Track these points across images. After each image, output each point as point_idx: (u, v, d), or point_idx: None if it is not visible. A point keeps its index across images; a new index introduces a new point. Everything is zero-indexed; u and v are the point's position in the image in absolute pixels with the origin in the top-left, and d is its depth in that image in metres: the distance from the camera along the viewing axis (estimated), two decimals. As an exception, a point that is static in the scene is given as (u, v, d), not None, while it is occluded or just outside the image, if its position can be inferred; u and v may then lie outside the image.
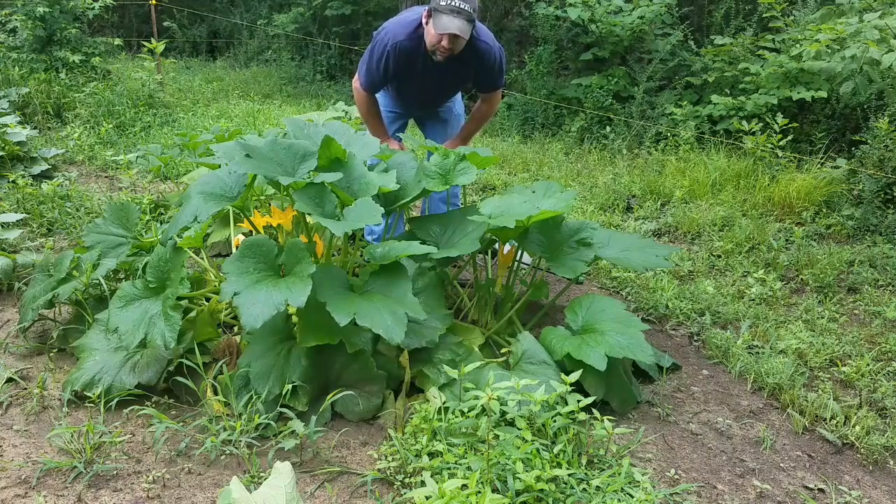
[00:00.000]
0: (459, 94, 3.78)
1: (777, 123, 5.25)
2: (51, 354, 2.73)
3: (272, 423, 2.24)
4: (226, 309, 2.84)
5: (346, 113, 5.94)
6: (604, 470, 2.15)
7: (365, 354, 2.39)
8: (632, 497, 1.99)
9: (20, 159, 5.01)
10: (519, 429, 2.10)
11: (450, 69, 3.21)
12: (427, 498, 1.84)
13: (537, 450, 2.06)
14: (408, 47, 3.18)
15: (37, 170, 4.96)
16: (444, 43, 3.04)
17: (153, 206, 4.30)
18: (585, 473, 2.10)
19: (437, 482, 1.90)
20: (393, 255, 2.40)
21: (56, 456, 2.15)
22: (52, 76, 7.08)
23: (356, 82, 3.42)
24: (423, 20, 3.13)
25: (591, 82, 7.06)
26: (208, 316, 2.64)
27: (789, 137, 5.38)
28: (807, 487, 2.25)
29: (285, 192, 2.68)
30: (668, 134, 6.16)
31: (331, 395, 2.30)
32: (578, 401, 2.14)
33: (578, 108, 7.02)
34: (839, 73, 5.32)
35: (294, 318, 2.41)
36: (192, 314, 2.64)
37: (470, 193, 5.31)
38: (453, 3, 2.97)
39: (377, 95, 3.55)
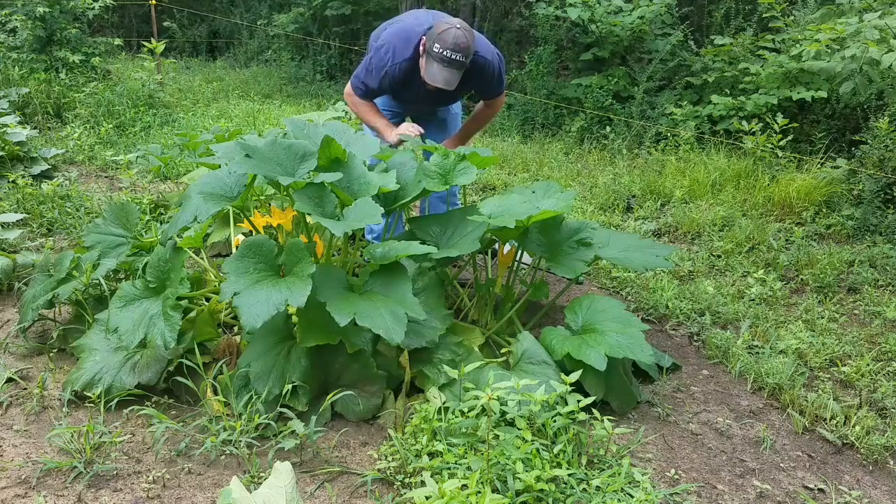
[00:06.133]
0: None
1: (777, 123, 5.25)
2: (51, 354, 2.73)
3: (272, 423, 2.24)
4: (226, 309, 2.84)
5: (346, 113, 5.93)
6: (604, 470, 2.15)
7: (365, 354, 2.39)
8: (632, 497, 1.99)
9: (20, 159, 5.01)
10: (519, 429, 2.10)
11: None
12: (427, 498, 1.84)
13: (537, 450, 2.06)
14: (409, 67, 3.13)
15: (37, 170, 4.96)
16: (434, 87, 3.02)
17: (153, 206, 4.30)
18: (585, 473, 2.10)
19: (437, 482, 1.90)
20: (393, 255, 2.39)
21: (56, 456, 2.15)
22: (52, 76, 7.08)
23: (349, 91, 3.33)
24: (421, 49, 3.07)
25: (591, 82, 7.06)
26: (208, 316, 2.64)
27: (789, 137, 5.38)
28: (807, 487, 2.25)
29: (285, 192, 2.68)
30: (668, 134, 6.16)
31: (331, 395, 2.30)
32: (578, 401, 2.14)
33: (578, 108, 7.02)
34: (839, 73, 5.32)
35: (294, 318, 2.41)
36: (192, 314, 2.64)
37: (470, 193, 5.32)
38: (445, 53, 2.91)
39: None
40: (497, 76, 3.29)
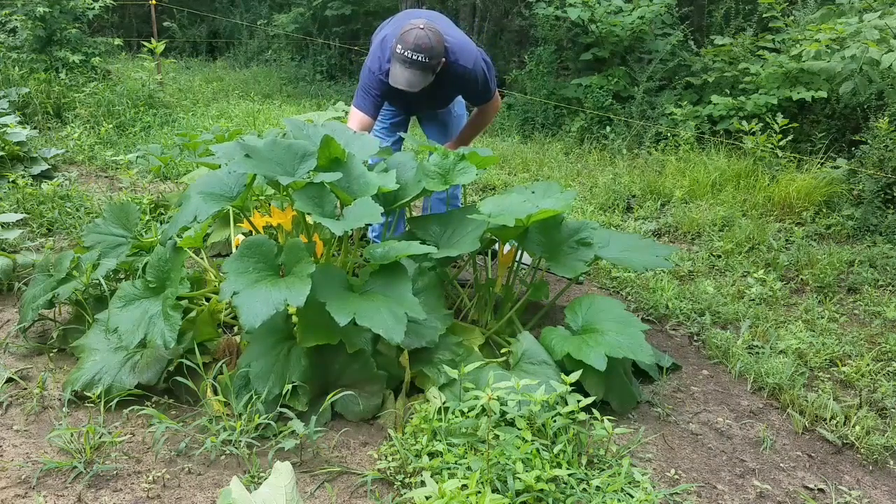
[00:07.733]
0: (459, 96, 3.75)
1: (777, 123, 5.25)
2: (51, 354, 2.73)
3: (272, 423, 2.24)
4: (226, 309, 2.84)
5: (346, 113, 5.93)
6: (604, 470, 2.15)
7: (365, 354, 2.39)
8: (632, 497, 1.99)
9: (20, 159, 5.01)
10: (519, 429, 2.10)
11: (434, 88, 3.10)
12: (427, 498, 1.84)
13: (537, 450, 2.06)
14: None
15: (37, 170, 4.96)
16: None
17: (153, 206, 4.30)
18: (585, 473, 2.10)
19: (437, 482, 1.90)
20: (393, 255, 2.39)
21: (56, 456, 2.15)
22: (52, 76, 7.07)
23: (355, 109, 3.22)
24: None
25: (591, 82, 7.06)
26: (208, 316, 2.64)
27: (789, 137, 5.38)
28: (807, 487, 2.25)
29: (285, 192, 2.68)
30: (668, 134, 6.16)
31: (331, 395, 2.30)
32: (578, 401, 2.14)
33: (578, 108, 7.02)
34: (839, 73, 5.32)
35: (294, 318, 2.41)
36: (192, 314, 2.64)
37: (470, 193, 5.31)
38: (406, 54, 2.86)
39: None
40: (482, 84, 3.22)
